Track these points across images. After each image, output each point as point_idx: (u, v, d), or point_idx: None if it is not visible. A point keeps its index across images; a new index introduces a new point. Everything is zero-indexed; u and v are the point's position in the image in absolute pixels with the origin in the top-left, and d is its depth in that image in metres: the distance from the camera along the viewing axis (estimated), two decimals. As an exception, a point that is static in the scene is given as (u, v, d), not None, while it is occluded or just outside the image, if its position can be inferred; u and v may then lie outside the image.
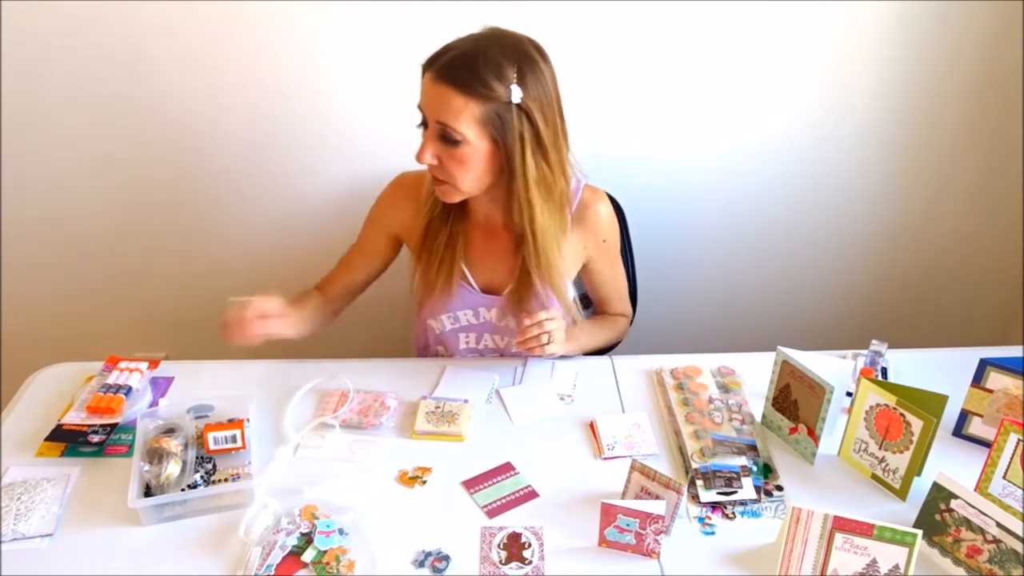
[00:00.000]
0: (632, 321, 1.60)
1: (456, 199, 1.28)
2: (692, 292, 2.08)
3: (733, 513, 1.09)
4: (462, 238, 1.36)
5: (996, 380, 1.18)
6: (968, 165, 1.93)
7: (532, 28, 1.25)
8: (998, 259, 2.07)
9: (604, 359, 1.42)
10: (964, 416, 1.23)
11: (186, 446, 1.13)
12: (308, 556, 1.00)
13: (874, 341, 1.31)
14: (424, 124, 1.22)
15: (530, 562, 1.01)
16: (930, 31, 1.73)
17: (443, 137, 1.19)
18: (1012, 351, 1.32)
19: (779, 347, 1.21)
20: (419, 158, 1.22)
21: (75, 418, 1.21)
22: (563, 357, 1.44)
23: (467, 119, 1.16)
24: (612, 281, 1.48)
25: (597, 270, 1.44)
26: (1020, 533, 0.94)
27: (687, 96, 1.80)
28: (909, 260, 2.06)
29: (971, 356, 1.23)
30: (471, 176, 1.23)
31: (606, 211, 1.39)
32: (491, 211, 1.35)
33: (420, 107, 1.21)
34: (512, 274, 1.35)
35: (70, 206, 1.86)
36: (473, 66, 1.16)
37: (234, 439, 1.13)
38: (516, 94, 1.16)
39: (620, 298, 1.51)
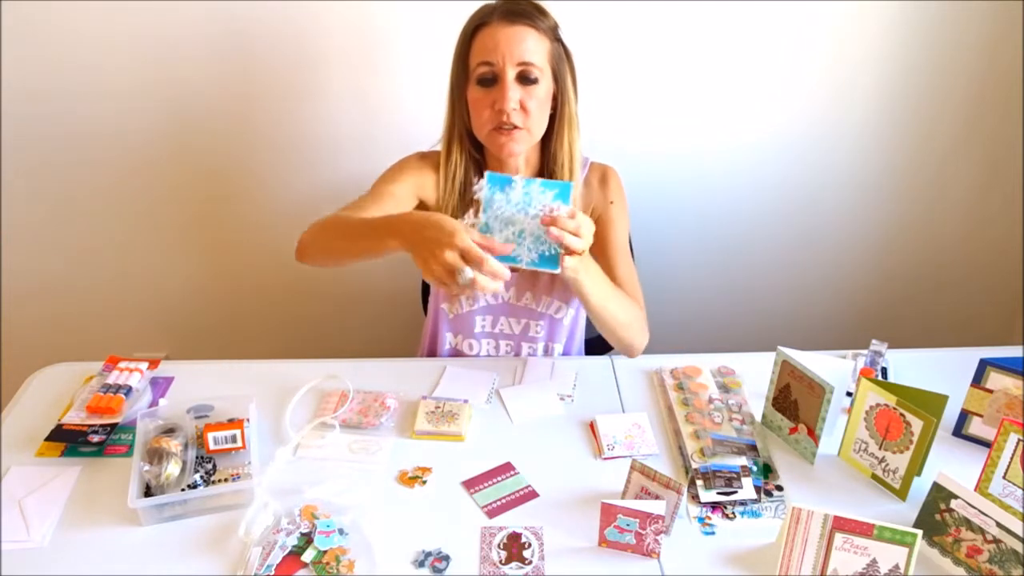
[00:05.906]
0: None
1: (524, 148, 1.30)
2: (692, 292, 2.09)
3: (733, 513, 1.09)
4: None
5: (996, 380, 1.18)
6: (968, 165, 1.93)
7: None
8: (998, 259, 2.07)
9: (604, 359, 1.42)
10: (964, 416, 1.23)
11: (186, 446, 1.12)
12: (308, 556, 1.00)
13: (874, 341, 1.31)
14: (491, 79, 1.24)
15: (530, 562, 1.01)
16: (930, 31, 1.73)
17: (521, 78, 1.24)
18: (1012, 351, 1.32)
19: (779, 347, 1.21)
20: (505, 105, 1.22)
21: (75, 418, 1.21)
22: (564, 355, 1.45)
23: (542, 54, 1.25)
24: (618, 255, 1.38)
25: (607, 238, 1.36)
26: (1020, 533, 0.94)
27: (686, 96, 1.80)
28: (909, 260, 2.07)
29: (971, 356, 1.23)
30: (543, 117, 1.28)
31: (614, 177, 1.42)
32: (522, 171, 1.35)
33: (487, 60, 1.23)
34: None
35: (70, 206, 1.86)
36: (536, 5, 1.25)
37: (234, 439, 1.13)
38: (559, 31, 1.27)
39: (631, 286, 1.36)
